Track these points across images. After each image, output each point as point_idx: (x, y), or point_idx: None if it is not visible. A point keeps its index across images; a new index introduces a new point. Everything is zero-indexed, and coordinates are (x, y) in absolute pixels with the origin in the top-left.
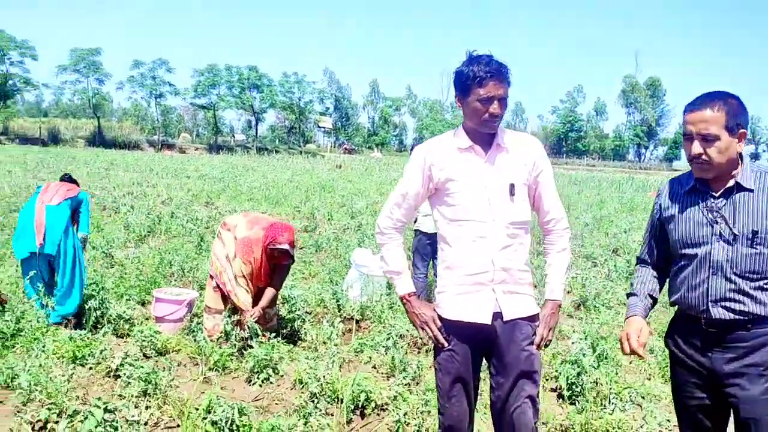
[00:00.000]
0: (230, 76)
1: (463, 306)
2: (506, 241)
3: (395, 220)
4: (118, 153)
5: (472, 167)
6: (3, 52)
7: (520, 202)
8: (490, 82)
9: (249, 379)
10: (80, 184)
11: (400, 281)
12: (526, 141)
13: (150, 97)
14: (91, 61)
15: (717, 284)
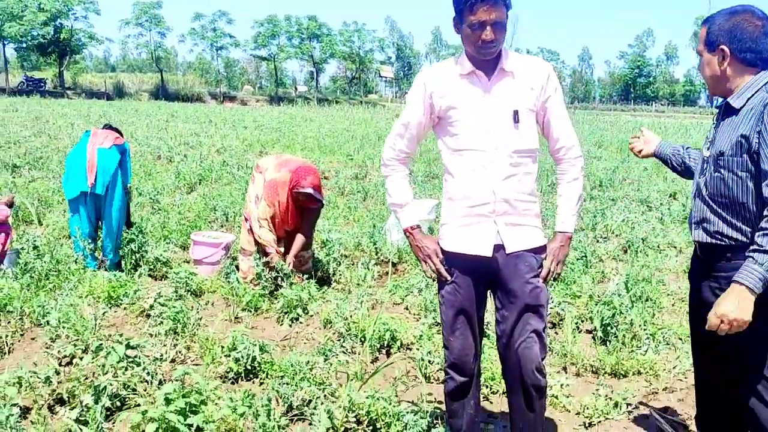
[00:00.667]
0: (290, 27)
1: (464, 238)
2: (509, 170)
3: (398, 151)
4: (180, 105)
5: (474, 94)
6: (68, 7)
7: (526, 129)
8: (480, 7)
9: (279, 319)
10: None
11: (404, 214)
12: (533, 65)
13: (211, 49)
14: (153, 15)
15: (697, 206)
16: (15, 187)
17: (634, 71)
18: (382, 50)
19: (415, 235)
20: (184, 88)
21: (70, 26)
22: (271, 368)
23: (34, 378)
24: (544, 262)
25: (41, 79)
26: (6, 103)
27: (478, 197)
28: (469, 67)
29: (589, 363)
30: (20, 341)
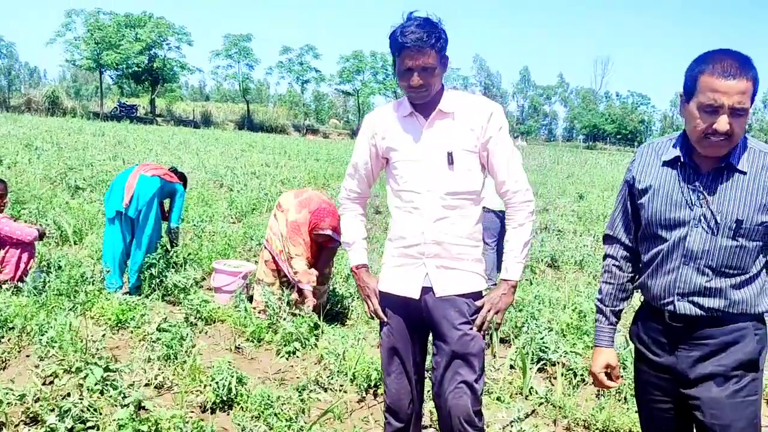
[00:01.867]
0: (375, 62)
1: (396, 279)
2: (441, 212)
3: (348, 191)
4: (262, 136)
5: (411, 135)
6: (162, 37)
7: (463, 171)
8: (406, 53)
9: (278, 351)
10: (186, 181)
11: (352, 252)
12: (475, 105)
13: (297, 82)
14: (243, 47)
15: (687, 276)
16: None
17: None
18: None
19: (360, 274)
20: (269, 120)
21: (164, 56)
22: (245, 401)
23: (10, 395)
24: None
25: (134, 105)
26: (96, 128)
27: (409, 238)
28: (409, 109)
29: (582, 418)
30: (17, 358)
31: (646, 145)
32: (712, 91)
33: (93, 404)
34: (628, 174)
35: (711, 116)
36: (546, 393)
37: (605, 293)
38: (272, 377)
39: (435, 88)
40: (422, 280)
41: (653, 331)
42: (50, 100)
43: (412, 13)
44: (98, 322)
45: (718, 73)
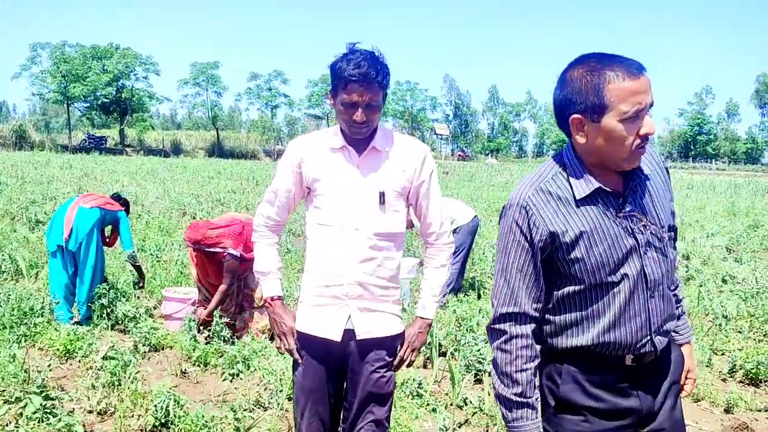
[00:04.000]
0: None
1: (315, 319)
2: (368, 253)
3: (266, 218)
4: (231, 162)
5: (342, 170)
6: (130, 68)
7: (392, 212)
8: (354, 86)
9: (223, 374)
10: (129, 206)
11: (266, 282)
12: (409, 147)
13: (266, 107)
14: (210, 75)
15: (657, 308)
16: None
17: (694, 128)
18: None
19: (275, 307)
20: (240, 146)
21: (132, 86)
22: (182, 422)
23: None
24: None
25: (102, 136)
26: (63, 160)
27: (332, 277)
28: (341, 142)
29: None
30: None
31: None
32: (633, 95)
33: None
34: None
35: (637, 122)
36: (479, 403)
37: (525, 382)
38: (214, 399)
39: (375, 124)
40: (345, 322)
41: (608, 380)
42: (17, 134)
43: (354, 45)
44: (46, 352)
45: (627, 75)
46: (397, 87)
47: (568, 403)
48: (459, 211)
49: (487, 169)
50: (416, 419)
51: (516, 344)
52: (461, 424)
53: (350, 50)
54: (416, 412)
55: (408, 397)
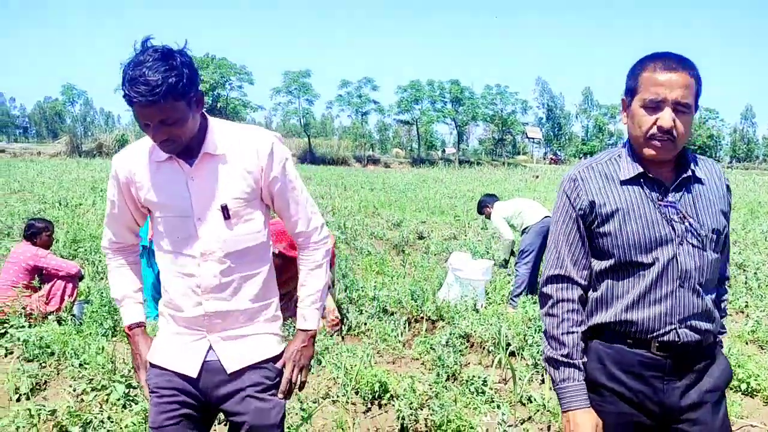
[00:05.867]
0: (432, 91)
1: (170, 351)
2: (221, 279)
3: (108, 240)
4: (323, 168)
5: (172, 186)
6: (225, 78)
7: (243, 224)
8: (136, 108)
9: None
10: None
11: (123, 310)
12: (251, 141)
13: (356, 114)
14: (302, 83)
15: (686, 299)
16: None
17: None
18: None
19: (134, 337)
20: (331, 152)
21: (227, 95)
22: None
23: (43, 412)
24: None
25: None
26: None
27: (184, 309)
28: (165, 153)
29: None
30: (54, 380)
31: (584, 168)
32: (654, 86)
33: (112, 416)
34: (578, 202)
35: (655, 112)
36: (543, 400)
37: (571, 345)
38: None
39: (190, 134)
40: (203, 355)
41: (632, 365)
42: (120, 143)
43: (146, 41)
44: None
45: (660, 68)
46: (487, 91)
47: (590, 381)
48: (529, 211)
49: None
50: (477, 413)
51: (562, 308)
52: (524, 420)
53: (135, 56)
54: (479, 407)
55: (472, 394)
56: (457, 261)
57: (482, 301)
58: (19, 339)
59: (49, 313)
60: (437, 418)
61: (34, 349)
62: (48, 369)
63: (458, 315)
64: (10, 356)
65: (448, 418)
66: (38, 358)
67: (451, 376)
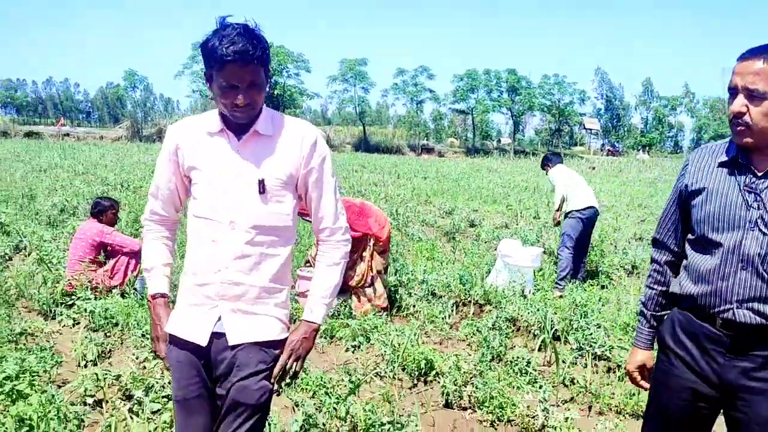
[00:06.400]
0: (489, 80)
1: (185, 320)
2: (244, 249)
3: (150, 213)
4: (377, 157)
5: (219, 156)
6: (282, 65)
7: (275, 204)
8: (229, 67)
9: (345, 346)
10: None
11: (149, 280)
12: (297, 130)
13: (411, 103)
14: (358, 71)
15: (746, 281)
16: None
17: None
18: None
19: (155, 306)
20: (385, 141)
21: (284, 83)
22: (304, 383)
23: (109, 377)
24: (281, 356)
25: None
26: None
27: (204, 275)
28: (219, 125)
29: (614, 404)
30: (119, 348)
31: (702, 147)
32: (732, 74)
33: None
34: (681, 176)
35: (731, 99)
36: (586, 383)
37: (648, 297)
38: (336, 367)
39: (259, 106)
40: (213, 324)
41: (698, 337)
42: None
43: (225, 19)
44: None
45: (739, 57)
46: (544, 80)
47: (660, 341)
48: (579, 195)
49: (636, 165)
50: (520, 392)
51: (651, 267)
52: (566, 401)
53: (221, 25)
54: (522, 387)
55: (515, 374)
56: (506, 247)
57: (530, 288)
58: (86, 310)
59: (113, 286)
60: (480, 394)
61: (100, 320)
62: (112, 338)
63: (505, 300)
64: (78, 326)
65: (491, 395)
66: (103, 328)
67: (496, 357)
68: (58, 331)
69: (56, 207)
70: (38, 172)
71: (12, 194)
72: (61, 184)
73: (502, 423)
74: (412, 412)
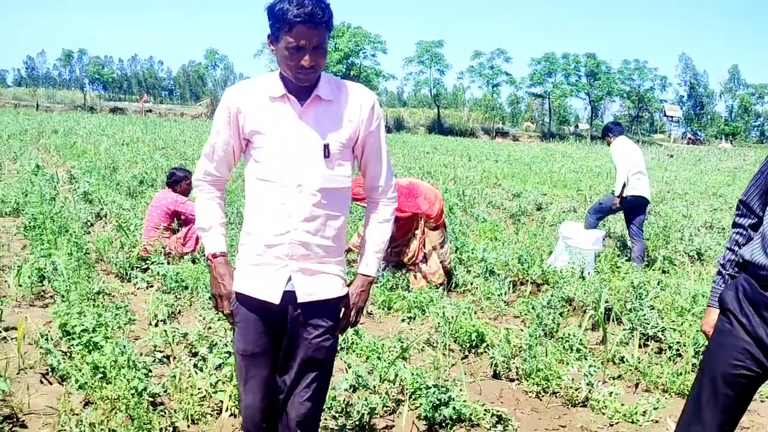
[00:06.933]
0: (567, 65)
1: (254, 279)
2: (311, 210)
3: (204, 173)
4: (451, 139)
5: (282, 120)
6: (359, 46)
7: (337, 166)
8: (300, 28)
9: (402, 317)
10: None
11: (209, 239)
12: (356, 94)
13: (487, 86)
14: (434, 53)
15: None
16: None
17: None
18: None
19: (217, 265)
20: (459, 123)
21: (360, 64)
22: (358, 347)
23: (177, 335)
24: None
25: None
26: None
27: (272, 237)
28: (281, 90)
29: (661, 382)
30: (187, 310)
31: None
32: None
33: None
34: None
35: None
36: (636, 362)
37: (727, 259)
38: (391, 336)
39: (321, 70)
40: (284, 283)
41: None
42: None
43: None
44: None
45: None
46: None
47: (721, 302)
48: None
49: (717, 154)
50: (566, 365)
51: (735, 230)
52: (613, 378)
53: None
54: (570, 363)
55: (565, 350)
56: (568, 230)
57: (590, 270)
58: (159, 274)
59: (185, 253)
60: (527, 366)
61: (171, 283)
62: (182, 301)
63: (563, 280)
64: (151, 289)
65: (538, 367)
66: (174, 291)
67: (548, 334)
68: (133, 293)
69: (136, 178)
70: (121, 145)
71: (96, 165)
72: (141, 158)
73: (547, 394)
74: (458, 378)
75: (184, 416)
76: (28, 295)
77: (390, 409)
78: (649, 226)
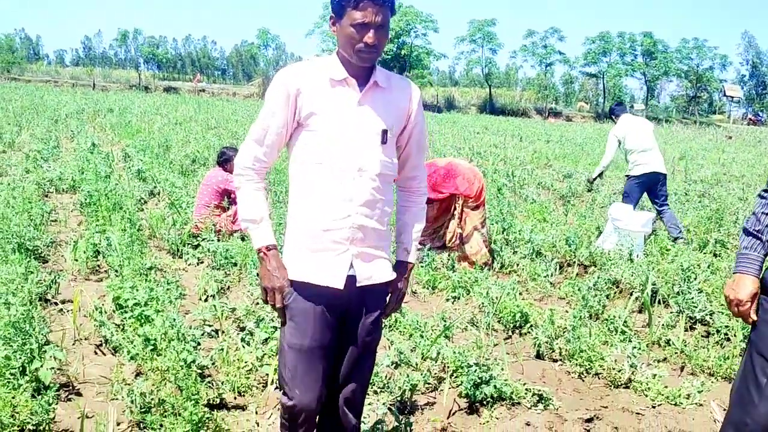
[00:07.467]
0: (623, 43)
1: (313, 266)
2: (370, 195)
3: (254, 159)
4: (502, 119)
5: (343, 104)
6: (410, 26)
7: (390, 153)
8: (367, 3)
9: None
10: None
11: (256, 231)
12: (404, 85)
13: (540, 65)
14: (487, 32)
15: None
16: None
17: None
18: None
19: (270, 258)
20: (511, 103)
21: (411, 43)
22: (402, 324)
23: (226, 309)
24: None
25: None
26: None
27: (331, 221)
28: (343, 74)
29: (707, 365)
30: (236, 286)
31: None
32: None
33: None
34: None
35: None
36: (682, 345)
37: (765, 224)
38: (435, 315)
39: (382, 51)
40: (347, 268)
41: None
42: None
43: None
44: None
45: None
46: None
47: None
48: (645, 158)
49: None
50: (610, 347)
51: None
52: (658, 360)
53: None
54: (614, 345)
55: (610, 332)
56: (617, 211)
57: (639, 253)
58: (209, 250)
59: (235, 231)
60: (571, 347)
61: (221, 260)
62: (231, 277)
63: (610, 262)
64: (201, 264)
65: (581, 348)
66: (224, 267)
67: (593, 316)
68: (184, 269)
69: (188, 157)
70: (174, 125)
71: (149, 144)
72: (194, 137)
73: (590, 375)
74: (500, 357)
75: (231, 388)
76: (83, 269)
77: (431, 387)
78: (702, 209)
